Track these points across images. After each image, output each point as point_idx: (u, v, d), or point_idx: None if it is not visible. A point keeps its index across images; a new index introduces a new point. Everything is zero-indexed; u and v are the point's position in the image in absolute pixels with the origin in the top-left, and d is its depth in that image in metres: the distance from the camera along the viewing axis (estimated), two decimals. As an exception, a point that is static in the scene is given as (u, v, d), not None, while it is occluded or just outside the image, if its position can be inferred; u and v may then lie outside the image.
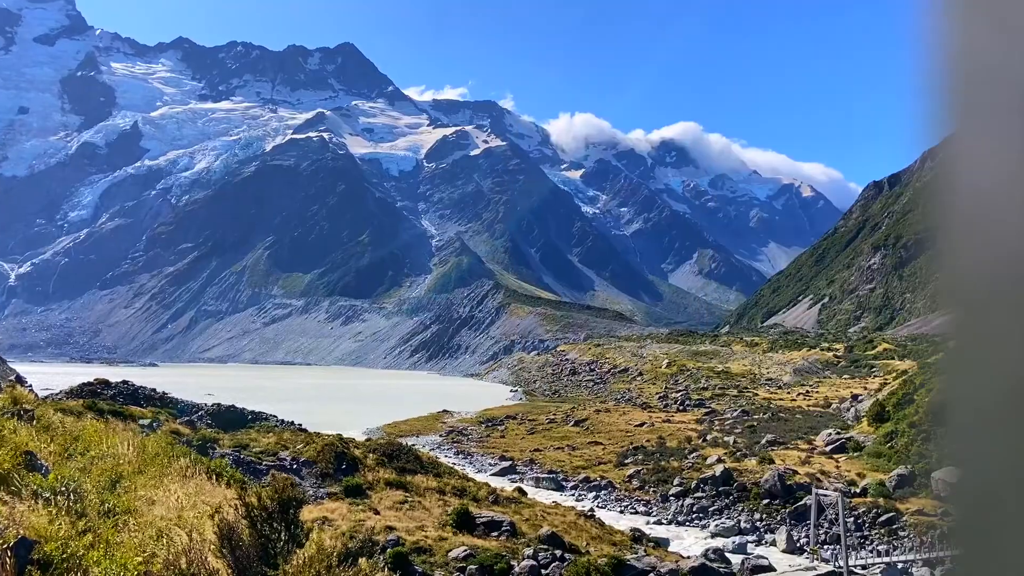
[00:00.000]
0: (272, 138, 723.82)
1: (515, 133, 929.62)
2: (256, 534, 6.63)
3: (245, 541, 6.50)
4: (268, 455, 39.86)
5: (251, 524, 6.69)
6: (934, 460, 60.32)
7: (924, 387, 76.16)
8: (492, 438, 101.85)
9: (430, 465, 46.72)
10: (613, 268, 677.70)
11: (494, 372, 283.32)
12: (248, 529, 6.66)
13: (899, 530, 51.50)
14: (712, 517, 59.91)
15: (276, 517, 6.87)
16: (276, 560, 6.52)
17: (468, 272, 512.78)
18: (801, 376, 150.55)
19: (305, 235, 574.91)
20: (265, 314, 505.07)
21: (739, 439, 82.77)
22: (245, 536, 6.57)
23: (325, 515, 28.93)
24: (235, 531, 6.45)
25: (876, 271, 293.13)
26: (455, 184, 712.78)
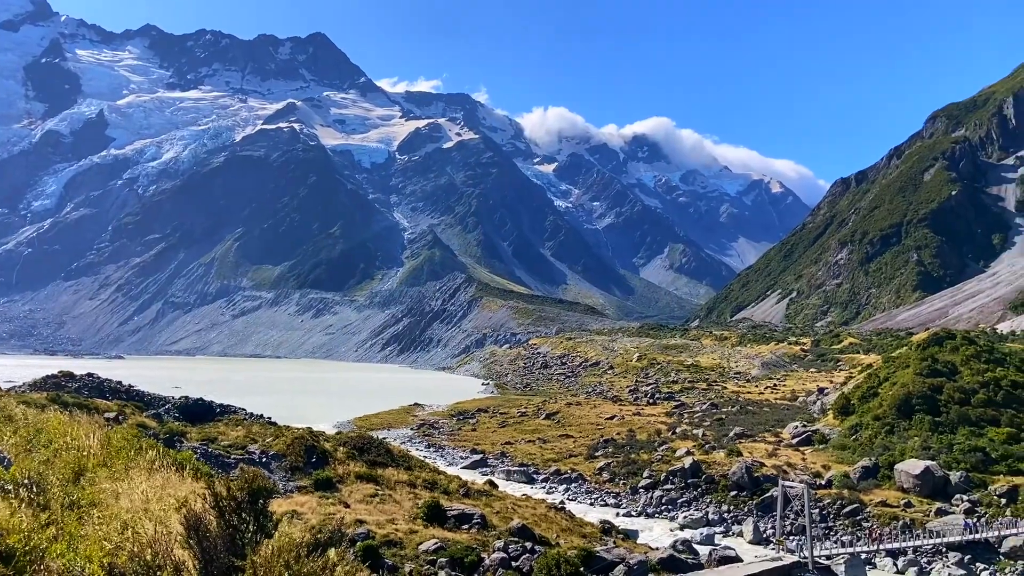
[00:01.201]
0: (242, 128, 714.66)
1: (488, 126, 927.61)
2: (224, 524, 6.61)
3: (212, 532, 6.47)
4: (237, 448, 39.52)
5: (219, 514, 6.66)
6: (897, 452, 61.54)
7: (888, 381, 77.56)
8: (463, 431, 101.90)
9: (401, 458, 46.66)
10: (585, 262, 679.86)
11: (466, 365, 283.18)
12: (216, 520, 6.63)
13: (863, 521, 52.48)
14: (681, 509, 60.56)
15: (244, 507, 6.84)
16: (244, 551, 6.49)
17: (440, 265, 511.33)
18: (769, 370, 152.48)
19: (275, 227, 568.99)
20: (234, 306, 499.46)
21: (708, 432, 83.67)
22: (212, 527, 6.54)
23: (295, 508, 28.79)
24: (202, 522, 6.42)
25: (843, 266, 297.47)
26: (428, 177, 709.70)
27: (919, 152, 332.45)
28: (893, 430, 67.23)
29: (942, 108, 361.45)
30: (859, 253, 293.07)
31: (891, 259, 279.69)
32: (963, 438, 62.55)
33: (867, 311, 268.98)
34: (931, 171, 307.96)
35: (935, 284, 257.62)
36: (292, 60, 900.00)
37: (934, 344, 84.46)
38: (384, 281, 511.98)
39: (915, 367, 76.51)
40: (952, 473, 56.15)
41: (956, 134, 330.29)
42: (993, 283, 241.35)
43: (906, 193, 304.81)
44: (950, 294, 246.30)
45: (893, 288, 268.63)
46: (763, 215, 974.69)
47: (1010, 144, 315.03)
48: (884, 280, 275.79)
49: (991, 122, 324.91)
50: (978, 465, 57.45)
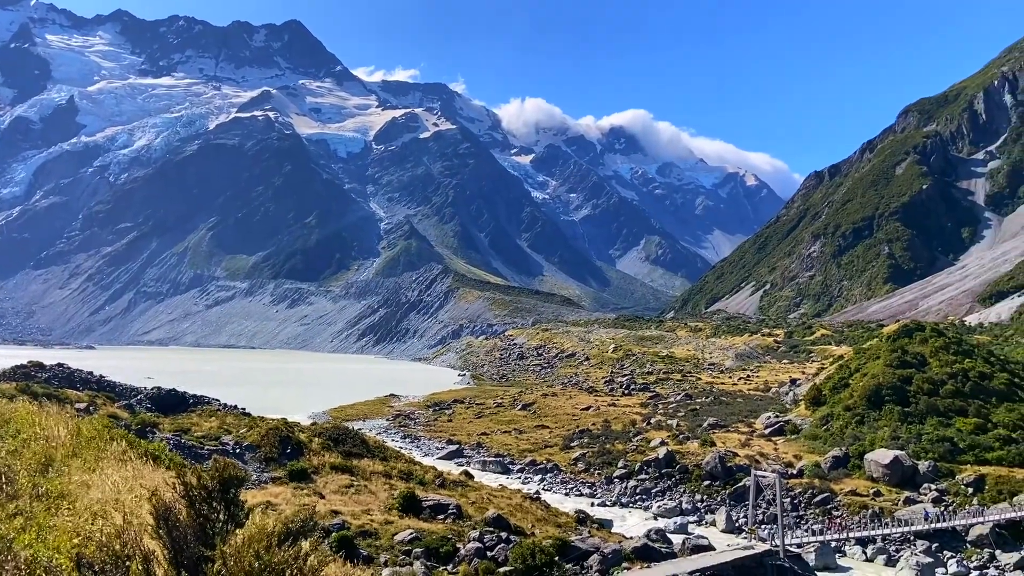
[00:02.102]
0: (215, 116, 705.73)
1: (466, 117, 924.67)
2: (194, 514, 6.57)
3: (182, 521, 6.43)
4: (210, 439, 39.23)
5: (189, 504, 6.62)
6: (867, 442, 62.50)
7: (859, 372, 78.67)
8: (439, 422, 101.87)
9: (377, 449, 46.57)
10: (562, 253, 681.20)
11: (442, 356, 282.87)
12: (186, 509, 6.58)
13: (833, 510, 53.29)
14: (655, 498, 61.10)
15: (215, 497, 6.81)
16: (214, 540, 6.46)
17: (417, 256, 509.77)
18: (742, 361, 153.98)
19: (250, 216, 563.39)
20: (208, 296, 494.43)
21: (682, 422, 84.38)
22: (183, 516, 6.50)
23: (269, 499, 28.64)
24: (172, 511, 6.37)
25: (815, 259, 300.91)
26: (404, 167, 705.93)
27: (891, 146, 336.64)
28: (863, 420, 68.22)
29: (914, 103, 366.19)
30: (832, 246, 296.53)
31: (863, 252, 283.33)
32: (931, 428, 63.63)
33: (839, 303, 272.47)
34: (903, 165, 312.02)
35: (906, 277, 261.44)
36: (267, 48, 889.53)
37: (904, 336, 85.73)
38: (360, 271, 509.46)
39: (885, 358, 77.64)
40: (921, 463, 57.12)
41: (927, 129, 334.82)
42: (962, 276, 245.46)
43: (878, 187, 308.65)
44: (920, 287, 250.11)
45: (865, 280, 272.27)
46: (738, 208, 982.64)
47: (980, 139, 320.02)
48: (856, 273, 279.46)
49: (962, 117, 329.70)
50: (946, 455, 58.49)
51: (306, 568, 5.73)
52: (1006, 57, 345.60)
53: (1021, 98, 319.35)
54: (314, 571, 5.82)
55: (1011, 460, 57.01)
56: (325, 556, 6.33)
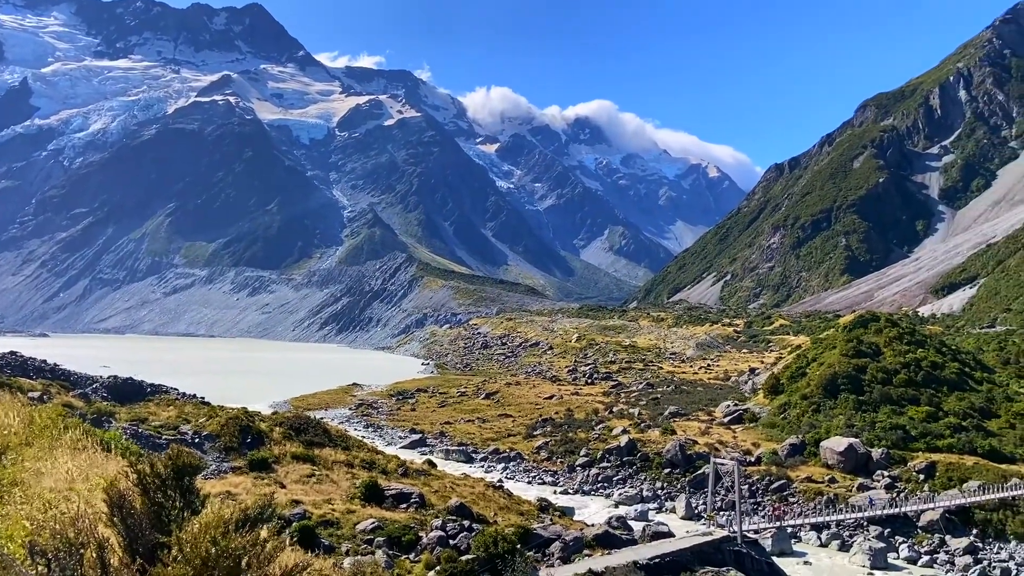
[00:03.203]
0: (174, 100, 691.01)
1: (430, 105, 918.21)
2: (149, 502, 6.51)
3: (137, 509, 6.38)
4: (168, 429, 38.68)
5: (143, 492, 6.56)
6: (823, 430, 63.85)
7: (816, 361, 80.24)
8: (403, 411, 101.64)
9: (339, 438, 46.33)
10: (526, 243, 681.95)
11: (406, 345, 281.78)
12: (140, 497, 6.53)
13: (789, 496, 54.43)
14: (616, 486, 61.79)
15: (170, 484, 6.75)
16: (170, 527, 6.41)
17: (381, 244, 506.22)
18: (703, 350, 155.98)
19: (209, 202, 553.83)
20: (166, 284, 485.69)
21: (644, 411, 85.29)
22: (137, 504, 6.44)
23: (228, 489, 28.36)
24: (126, 499, 6.31)
25: (775, 250, 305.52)
26: (368, 154, 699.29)
27: (849, 140, 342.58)
28: (820, 409, 69.65)
29: (872, 98, 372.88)
30: (791, 237, 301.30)
31: (821, 243, 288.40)
32: (885, 416, 65.20)
33: (797, 294, 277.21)
34: (860, 159, 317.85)
35: (862, 268, 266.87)
36: (227, 31, 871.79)
37: (859, 326, 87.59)
38: (323, 259, 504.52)
39: (841, 348, 79.28)
40: (874, 450, 58.54)
41: (884, 123, 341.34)
42: (916, 268, 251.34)
43: (836, 180, 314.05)
44: (875, 278, 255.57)
45: (822, 272, 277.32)
46: (700, 199, 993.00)
47: (935, 134, 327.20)
48: (814, 264, 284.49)
49: (918, 112, 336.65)
50: (898, 442, 60.01)
51: (263, 555, 5.72)
52: (961, 53, 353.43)
53: (975, 94, 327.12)
54: (272, 558, 5.82)
55: (961, 447, 58.72)
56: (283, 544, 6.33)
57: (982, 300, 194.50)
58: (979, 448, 58.34)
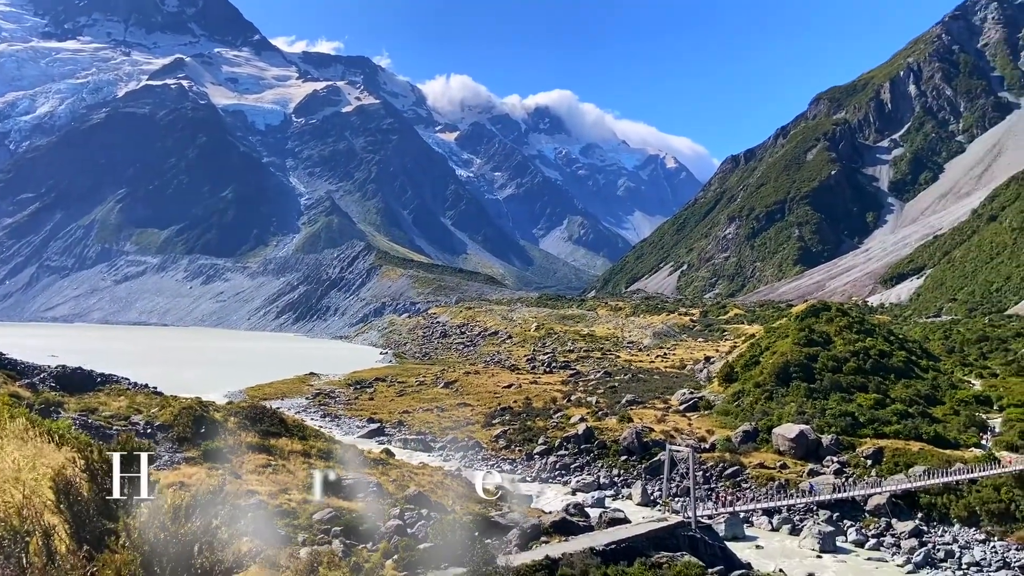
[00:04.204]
0: (124, 83, 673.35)
1: (389, 92, 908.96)
2: (97, 488, 6.41)
3: (84, 496, 6.28)
4: (119, 419, 37.92)
5: (91, 478, 6.45)
6: (775, 417, 65.17)
7: (769, 350, 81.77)
8: (361, 400, 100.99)
9: (296, 428, 45.90)
10: (486, 232, 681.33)
11: (364, 334, 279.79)
12: (87, 484, 6.42)
13: (742, 482, 55.50)
14: (574, 474, 62.31)
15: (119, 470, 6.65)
16: (118, 513, 6.32)
17: (338, 232, 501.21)
18: (660, 339, 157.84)
19: (162, 188, 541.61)
20: (117, 271, 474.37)
21: (601, 399, 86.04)
22: (84, 491, 6.34)
23: (182, 480, 27.94)
24: (73, 486, 6.21)
25: (731, 240, 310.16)
26: (326, 141, 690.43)
27: (803, 132, 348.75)
28: (772, 396, 71.02)
29: (825, 91, 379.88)
30: (746, 228, 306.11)
31: (775, 234, 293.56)
32: (835, 404, 66.79)
33: (752, 283, 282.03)
34: (813, 151, 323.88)
35: (814, 259, 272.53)
36: (180, 13, 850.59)
37: (811, 315, 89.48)
38: (279, 247, 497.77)
39: (793, 337, 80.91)
40: (824, 436, 59.95)
41: (837, 116, 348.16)
42: (866, 258, 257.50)
43: (790, 171, 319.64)
44: (827, 268, 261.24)
45: (776, 262, 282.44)
46: (658, 189, 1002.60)
47: (885, 127, 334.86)
48: (768, 254, 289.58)
49: (869, 106, 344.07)
50: (847, 429, 61.53)
51: (216, 542, 5.67)
52: (912, 49, 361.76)
53: (924, 89, 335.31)
54: (224, 545, 5.77)
55: (907, 433, 60.45)
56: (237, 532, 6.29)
57: (928, 290, 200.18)
58: (924, 434, 60.12)
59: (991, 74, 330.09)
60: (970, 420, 65.02)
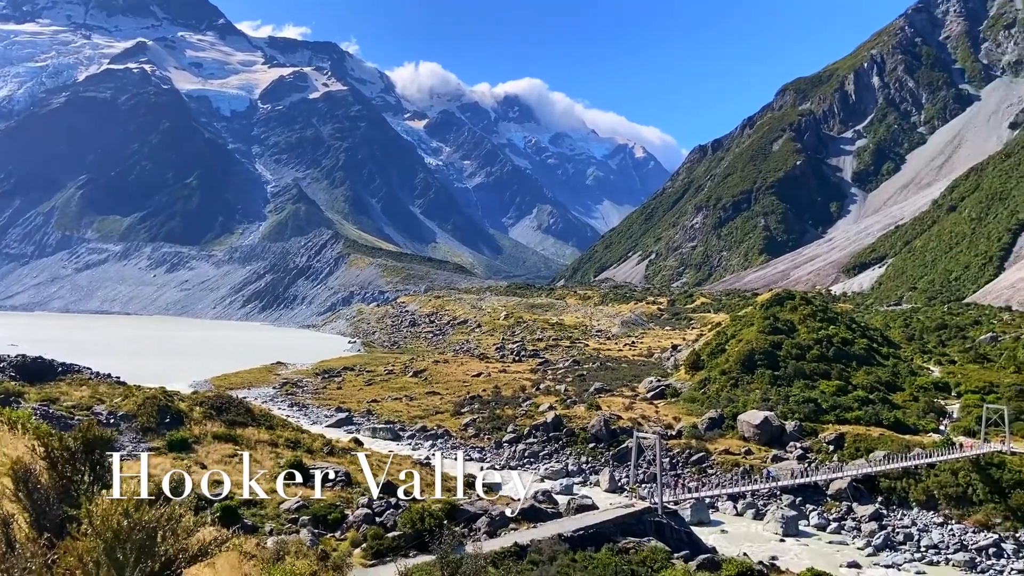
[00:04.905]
0: (85, 67, 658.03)
1: (357, 78, 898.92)
2: (57, 476, 6.34)
3: (44, 484, 6.21)
4: (81, 409, 37.32)
5: (51, 466, 6.37)
6: (741, 404, 66.13)
7: (735, 338, 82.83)
8: (329, 390, 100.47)
9: (262, 418, 45.55)
10: (455, 221, 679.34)
11: (332, 323, 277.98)
12: (47, 471, 6.34)
13: (708, 468, 56.31)
14: (543, 461, 62.73)
15: (80, 458, 6.58)
16: (79, 501, 6.26)
17: (306, 220, 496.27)
18: (628, 328, 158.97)
19: (124, 175, 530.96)
20: (78, 259, 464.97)
21: (570, 387, 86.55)
22: (44, 479, 6.26)
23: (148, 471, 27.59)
24: (32, 474, 6.13)
25: (698, 230, 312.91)
26: (292, 128, 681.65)
27: (769, 123, 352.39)
28: (738, 384, 72.04)
29: (791, 82, 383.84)
30: (713, 218, 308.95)
31: (741, 224, 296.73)
32: (798, 390, 67.96)
33: (718, 272, 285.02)
34: (779, 142, 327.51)
35: (779, 248, 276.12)
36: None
37: (776, 304, 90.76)
38: (245, 235, 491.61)
39: (759, 325, 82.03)
40: (788, 423, 61.02)
41: (803, 107, 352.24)
42: (829, 248, 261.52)
43: (756, 162, 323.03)
44: (791, 258, 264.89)
45: (742, 251, 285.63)
46: (627, 179, 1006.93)
47: (850, 118, 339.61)
48: (734, 244, 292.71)
49: (834, 97, 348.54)
50: (810, 415, 62.69)
51: (179, 529, 5.64)
52: (875, 41, 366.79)
53: (887, 80, 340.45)
54: (189, 533, 5.74)
55: (867, 419, 61.76)
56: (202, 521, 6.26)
57: (890, 279, 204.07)
58: (885, 420, 61.47)
59: (952, 66, 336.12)
60: (929, 406, 66.61)
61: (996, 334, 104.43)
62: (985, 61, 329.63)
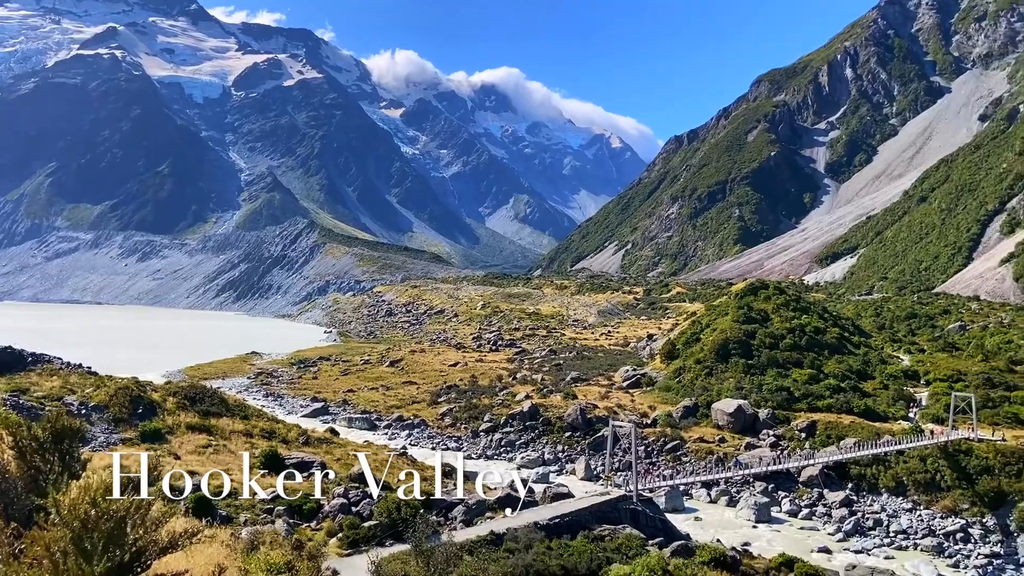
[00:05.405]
0: (54, 52, 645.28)
1: (333, 66, 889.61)
2: (25, 466, 6.27)
3: (12, 473, 6.14)
4: (52, 400, 36.82)
5: (19, 456, 6.30)
6: (715, 393, 66.78)
7: (709, 327, 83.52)
8: (304, 380, 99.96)
9: (237, 408, 45.25)
10: (432, 210, 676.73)
11: (307, 313, 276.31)
12: (15, 461, 6.27)
13: (682, 456, 56.87)
14: (519, 450, 63.00)
15: (48, 448, 6.52)
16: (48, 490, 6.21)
17: (280, 209, 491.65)
18: (604, 317, 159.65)
19: (95, 162, 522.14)
20: (48, 248, 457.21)
21: (546, 377, 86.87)
22: (12, 468, 6.20)
23: (118, 461, 27.33)
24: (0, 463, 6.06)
25: (673, 220, 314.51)
26: (267, 115, 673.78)
27: (744, 114, 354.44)
28: (712, 372, 72.71)
29: (766, 73, 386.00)
30: (688, 208, 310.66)
31: (716, 214, 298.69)
32: (771, 379, 68.75)
33: (694, 262, 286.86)
34: (754, 133, 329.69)
35: (754, 238, 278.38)
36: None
37: (750, 294, 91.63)
38: (219, 224, 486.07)
39: (733, 315, 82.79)
40: (761, 411, 61.74)
41: (777, 99, 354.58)
42: (803, 238, 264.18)
43: (731, 152, 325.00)
44: (766, 248, 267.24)
45: (717, 241, 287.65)
46: (604, 169, 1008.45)
47: (823, 110, 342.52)
48: (709, 234, 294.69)
49: (808, 89, 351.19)
50: (783, 403, 63.48)
51: (148, 518, 5.60)
52: (849, 33, 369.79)
53: (860, 72, 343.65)
54: (159, 523, 5.71)
55: (839, 407, 62.67)
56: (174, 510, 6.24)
57: (861, 269, 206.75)
58: (856, 408, 62.41)
59: (924, 59, 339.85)
60: (898, 394, 67.70)
61: (964, 323, 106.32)
62: (956, 54, 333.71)
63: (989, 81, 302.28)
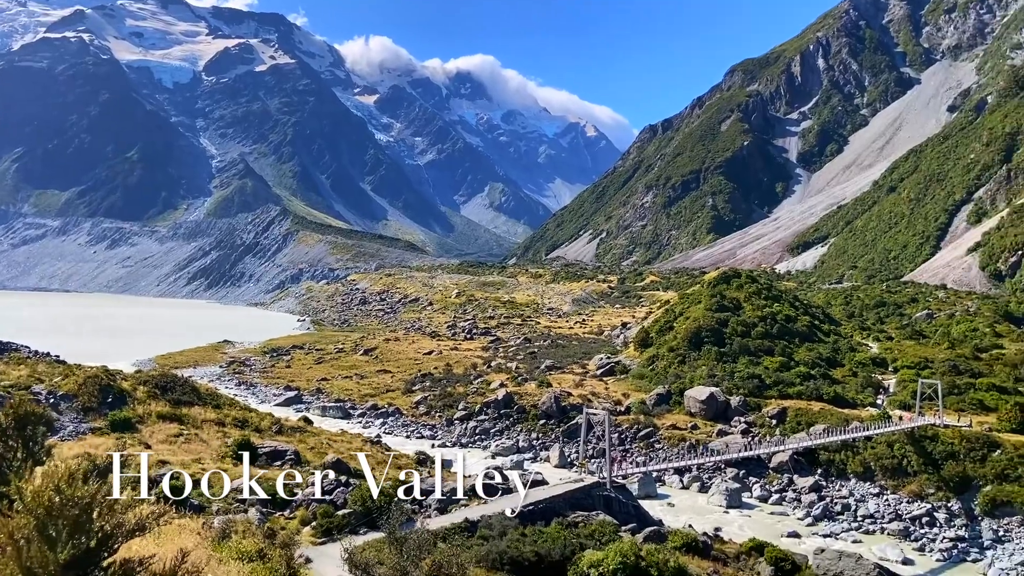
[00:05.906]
0: (20, 35, 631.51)
1: (305, 52, 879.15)
2: (-14, 453, 6.17)
3: (-28, 461, 6.04)
4: (19, 389, 36.20)
5: (-21, 443, 6.20)
6: (688, 380, 67.40)
7: (682, 316, 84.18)
8: (277, 368, 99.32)
9: (209, 397, 44.84)
10: (406, 198, 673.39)
11: (281, 301, 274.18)
12: (-24, 448, 6.17)
13: (655, 443, 57.40)
14: (494, 438, 63.19)
15: (11, 434, 6.42)
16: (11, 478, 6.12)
17: (253, 196, 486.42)
18: (579, 306, 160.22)
19: (62, 148, 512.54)
20: (14, 234, 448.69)
21: (521, 365, 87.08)
22: (-29, 455, 6.09)
23: (88, 451, 27.00)
24: (-43, 451, 5.96)
25: (648, 209, 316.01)
26: (238, 101, 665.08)
27: (718, 103, 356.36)
28: (685, 360, 73.35)
29: (740, 63, 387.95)
30: (662, 197, 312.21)
31: (690, 203, 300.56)
32: (743, 366, 69.52)
33: (667, 251, 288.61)
34: (727, 122, 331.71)
35: (727, 227, 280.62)
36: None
37: (723, 282, 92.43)
38: (190, 211, 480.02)
39: (706, 303, 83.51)
40: (733, 398, 62.45)
41: (750, 88, 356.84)
42: (775, 227, 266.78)
43: (705, 142, 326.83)
44: (739, 237, 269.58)
45: (691, 230, 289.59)
46: (578, 157, 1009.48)
47: (795, 100, 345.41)
48: (683, 223, 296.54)
49: (780, 79, 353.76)
50: (754, 390, 64.25)
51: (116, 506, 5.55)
52: (821, 23, 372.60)
53: (832, 63, 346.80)
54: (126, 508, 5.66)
55: (809, 394, 63.58)
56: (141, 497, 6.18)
57: (832, 258, 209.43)
58: (825, 394, 63.36)
59: (894, 50, 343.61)
60: (867, 381, 68.81)
61: (931, 311, 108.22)
62: (926, 45, 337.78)
63: (958, 72, 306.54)
